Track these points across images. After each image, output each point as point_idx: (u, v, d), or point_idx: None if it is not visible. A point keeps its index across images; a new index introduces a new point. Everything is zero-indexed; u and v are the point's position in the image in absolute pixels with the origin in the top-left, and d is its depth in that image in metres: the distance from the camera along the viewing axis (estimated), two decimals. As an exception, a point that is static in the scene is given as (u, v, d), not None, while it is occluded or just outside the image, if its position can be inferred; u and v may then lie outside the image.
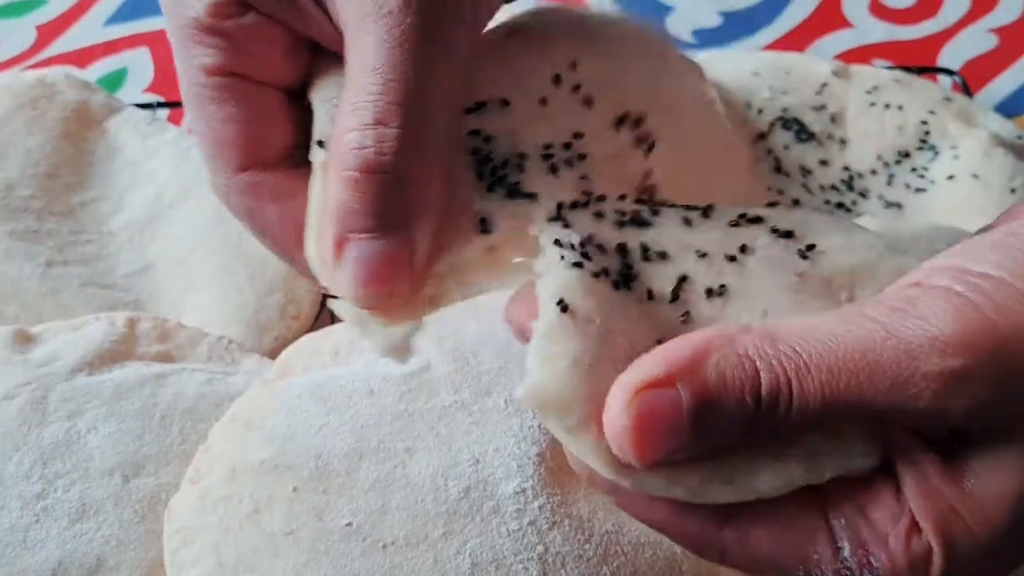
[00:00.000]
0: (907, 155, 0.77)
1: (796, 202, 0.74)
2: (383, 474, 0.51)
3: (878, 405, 0.31)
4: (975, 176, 0.74)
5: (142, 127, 0.76)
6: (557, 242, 0.36)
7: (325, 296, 0.38)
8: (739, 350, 0.31)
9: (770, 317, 0.35)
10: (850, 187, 0.75)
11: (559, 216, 0.38)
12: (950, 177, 0.75)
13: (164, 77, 0.88)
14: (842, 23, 0.93)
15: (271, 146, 0.40)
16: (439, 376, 0.55)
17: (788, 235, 0.38)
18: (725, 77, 0.81)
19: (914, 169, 0.76)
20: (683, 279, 0.36)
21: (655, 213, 0.39)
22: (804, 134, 0.78)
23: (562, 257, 0.35)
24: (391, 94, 0.34)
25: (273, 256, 0.70)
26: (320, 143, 0.39)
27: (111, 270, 0.69)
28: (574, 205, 0.39)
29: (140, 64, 0.89)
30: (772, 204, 0.41)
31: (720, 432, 0.32)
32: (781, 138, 0.77)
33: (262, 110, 0.40)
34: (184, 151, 0.75)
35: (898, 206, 0.74)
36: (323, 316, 0.68)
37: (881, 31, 0.93)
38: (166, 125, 0.78)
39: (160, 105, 0.83)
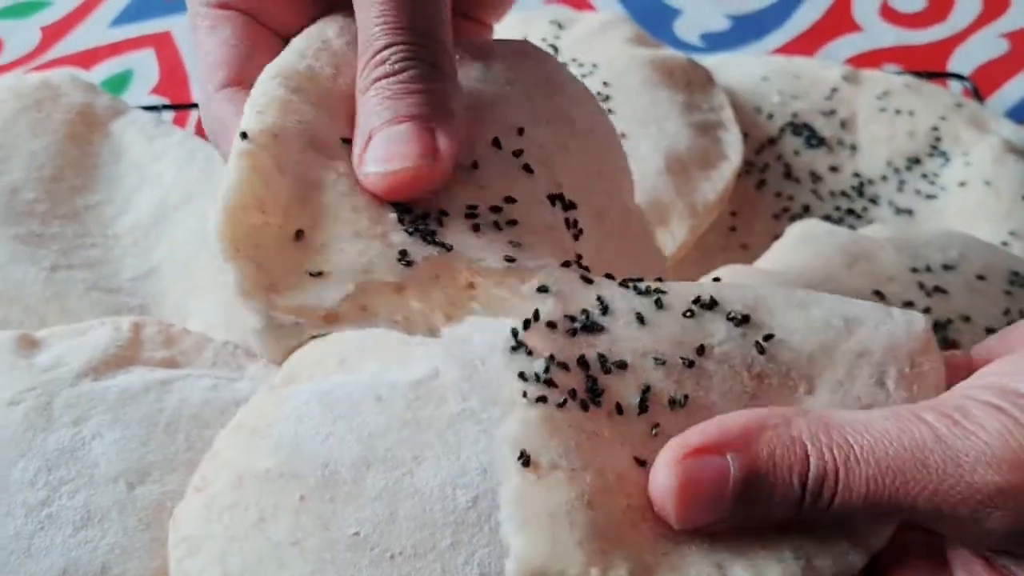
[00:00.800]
0: (918, 161, 0.77)
1: (806, 209, 0.73)
2: (391, 483, 0.50)
3: (920, 507, 0.32)
4: (987, 183, 0.74)
5: (147, 129, 0.76)
6: (522, 375, 0.36)
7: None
8: (793, 432, 0.32)
9: None
10: (860, 193, 0.75)
11: (519, 344, 0.38)
12: (961, 183, 0.74)
13: (170, 79, 0.88)
14: (852, 27, 0.93)
15: (256, 72, 0.42)
16: (447, 384, 0.54)
17: (745, 321, 0.38)
18: (734, 81, 0.80)
19: (925, 175, 0.76)
20: (647, 389, 0.36)
21: (604, 311, 0.38)
22: (814, 139, 0.77)
23: (524, 394, 0.35)
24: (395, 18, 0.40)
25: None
26: (243, 135, 0.40)
27: (116, 274, 0.68)
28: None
29: (145, 66, 0.89)
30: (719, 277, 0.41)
31: (760, 510, 0.32)
32: (791, 143, 0.77)
33: (255, 43, 0.43)
34: (190, 153, 0.74)
35: (909, 212, 0.74)
36: (329, 321, 0.67)
37: (891, 35, 0.92)
38: (172, 127, 0.78)
39: (165, 107, 0.83)
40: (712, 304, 0.38)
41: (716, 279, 0.43)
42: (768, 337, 0.37)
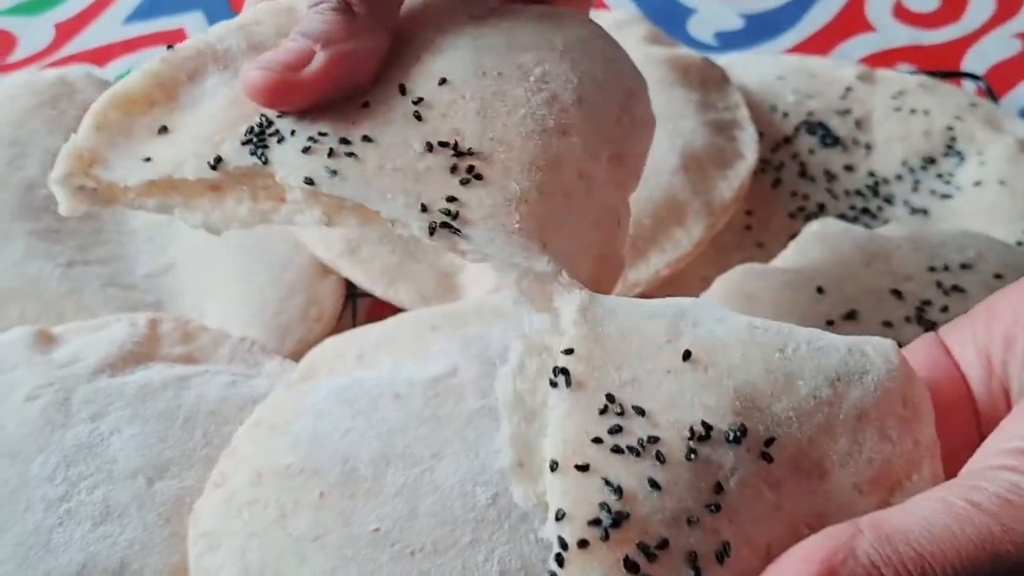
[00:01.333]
0: (933, 161, 0.76)
1: (821, 207, 0.73)
2: (410, 479, 0.51)
3: None
4: (1002, 182, 0.73)
5: (162, 126, 0.76)
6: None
7: None
8: (863, 560, 0.32)
9: (774, 549, 0.35)
10: (875, 192, 0.75)
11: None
12: (976, 183, 0.74)
13: (183, 76, 0.87)
14: (865, 27, 0.93)
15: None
16: (466, 381, 0.54)
17: (743, 434, 0.36)
18: (749, 80, 0.80)
19: (940, 175, 0.76)
20: (694, 556, 0.35)
21: (619, 493, 0.35)
22: (829, 138, 0.77)
23: None
24: None
25: (295, 258, 0.70)
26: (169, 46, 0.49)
27: (132, 270, 0.68)
28: None
29: (159, 63, 0.89)
30: (687, 354, 0.38)
31: None
32: (806, 142, 0.77)
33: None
34: (205, 151, 0.74)
35: (924, 212, 0.74)
36: (346, 318, 0.68)
37: (904, 35, 0.92)
38: (186, 124, 0.78)
39: (180, 104, 0.82)
40: (706, 433, 0.36)
41: (686, 352, 0.38)
42: (770, 442, 0.37)
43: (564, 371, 0.37)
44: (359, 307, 0.68)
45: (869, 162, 0.77)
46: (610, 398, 0.37)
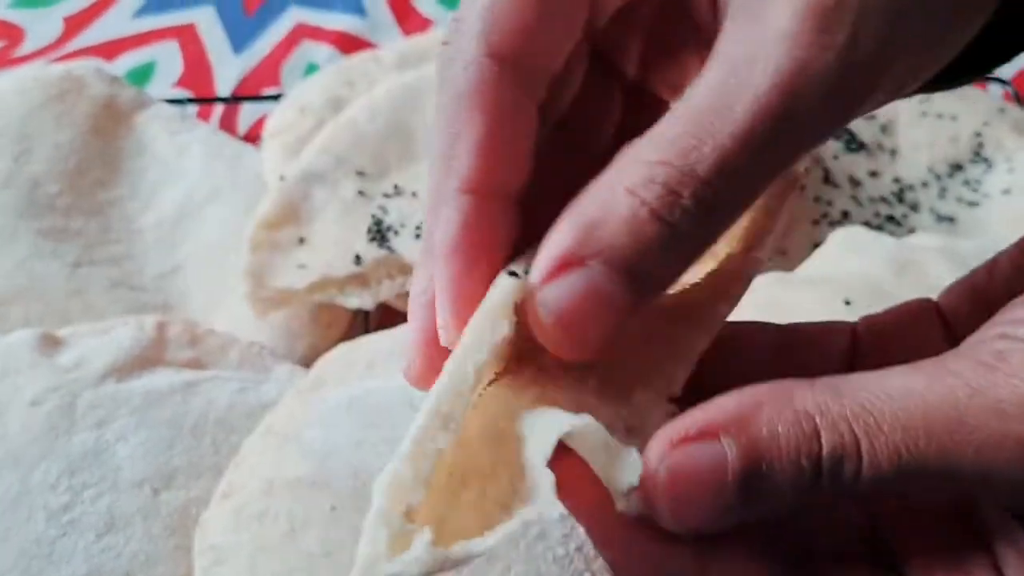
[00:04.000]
0: (960, 167, 0.75)
1: (845, 214, 0.71)
2: (425, 494, 0.49)
3: (963, 473, 0.27)
4: (1031, 190, 0.72)
5: (172, 123, 0.74)
6: None
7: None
8: (797, 405, 0.27)
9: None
10: (900, 199, 0.73)
11: None
12: (1005, 191, 0.72)
13: (193, 72, 0.86)
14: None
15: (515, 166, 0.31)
16: (482, 392, 0.53)
17: None
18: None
19: (967, 182, 0.74)
20: None
21: None
22: (854, 143, 0.75)
23: None
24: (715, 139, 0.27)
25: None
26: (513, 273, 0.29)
27: (140, 271, 0.67)
28: None
29: (169, 58, 0.87)
30: None
31: (770, 501, 0.27)
32: (830, 147, 0.75)
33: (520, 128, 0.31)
34: (215, 149, 0.73)
35: (950, 220, 0.72)
36: (357, 325, 0.66)
37: (929, 38, 0.90)
38: (196, 122, 0.76)
39: (190, 101, 0.81)
40: None
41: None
42: None
43: None
44: (371, 314, 0.67)
45: (894, 168, 0.75)
46: None
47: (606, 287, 0.27)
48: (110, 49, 0.88)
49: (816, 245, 0.65)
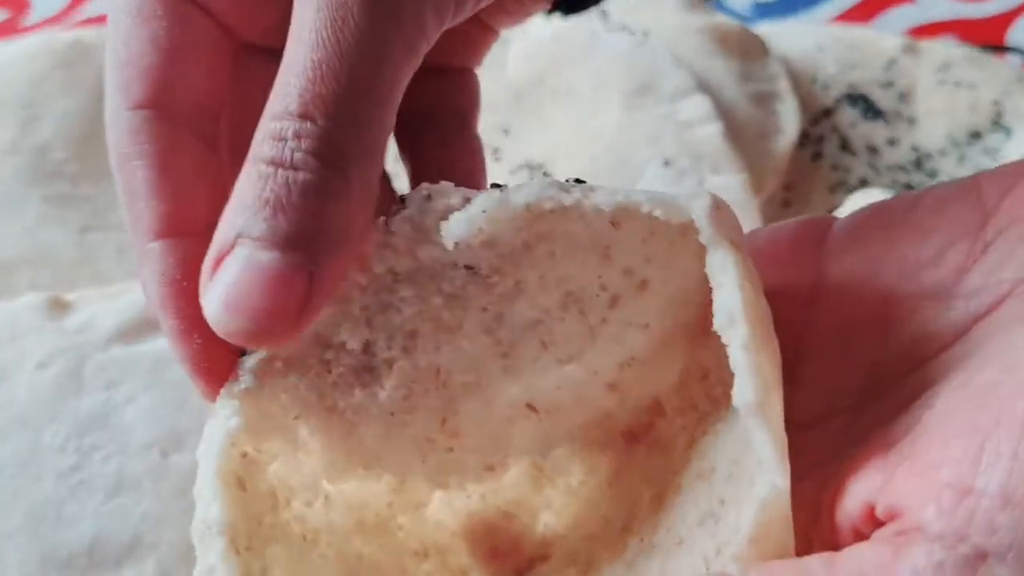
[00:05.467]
0: (979, 135, 0.73)
1: (863, 182, 0.70)
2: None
3: None
4: (1052, 159, 0.70)
5: (180, 91, 0.74)
6: None
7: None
8: None
9: None
10: (919, 167, 0.72)
11: None
12: (1025, 159, 0.71)
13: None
14: (905, -2, 0.90)
15: (185, 95, 0.31)
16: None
17: None
18: (788, 50, 0.77)
19: (986, 150, 0.73)
20: None
21: None
22: (871, 111, 0.74)
23: None
24: (321, 83, 0.27)
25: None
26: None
27: (148, 237, 0.66)
28: None
29: (177, 28, 0.86)
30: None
31: None
32: (848, 115, 0.74)
33: (193, 47, 0.31)
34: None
35: (969, 188, 0.71)
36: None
37: (946, 8, 0.89)
38: (205, 90, 0.76)
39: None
40: None
41: None
42: None
43: None
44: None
45: (912, 136, 0.74)
46: None
47: (255, 255, 0.26)
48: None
49: (832, 212, 0.64)
